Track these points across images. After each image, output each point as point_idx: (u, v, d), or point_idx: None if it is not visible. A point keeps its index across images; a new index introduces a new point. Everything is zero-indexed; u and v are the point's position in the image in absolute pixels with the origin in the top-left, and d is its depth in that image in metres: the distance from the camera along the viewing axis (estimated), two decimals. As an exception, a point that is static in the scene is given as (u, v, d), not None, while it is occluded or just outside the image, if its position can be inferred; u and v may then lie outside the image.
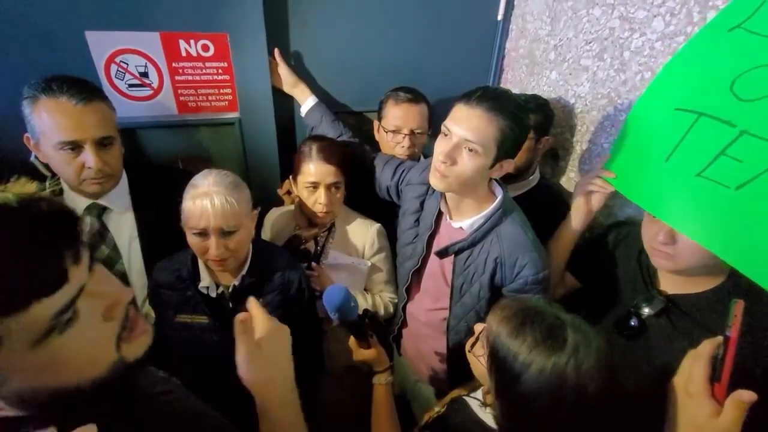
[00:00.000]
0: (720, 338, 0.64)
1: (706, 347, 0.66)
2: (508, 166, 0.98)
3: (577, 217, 1.15)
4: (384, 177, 1.27)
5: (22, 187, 0.44)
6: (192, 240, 1.00)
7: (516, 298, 0.97)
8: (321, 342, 1.33)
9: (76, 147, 0.96)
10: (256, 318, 0.68)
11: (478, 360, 0.83)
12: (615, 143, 1.10)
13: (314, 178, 1.21)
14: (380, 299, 1.37)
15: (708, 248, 0.82)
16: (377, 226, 1.33)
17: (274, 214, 1.43)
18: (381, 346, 1.05)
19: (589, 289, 1.19)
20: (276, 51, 1.32)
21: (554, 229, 1.22)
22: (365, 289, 1.37)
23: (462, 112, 0.93)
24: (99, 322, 0.47)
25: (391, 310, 1.37)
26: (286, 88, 1.39)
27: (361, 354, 1.02)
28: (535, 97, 1.35)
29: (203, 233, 0.97)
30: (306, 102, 1.39)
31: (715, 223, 0.82)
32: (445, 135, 0.96)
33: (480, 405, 0.90)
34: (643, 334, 0.97)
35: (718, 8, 0.96)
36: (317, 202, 1.23)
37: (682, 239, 0.85)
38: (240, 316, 0.65)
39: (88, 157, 0.97)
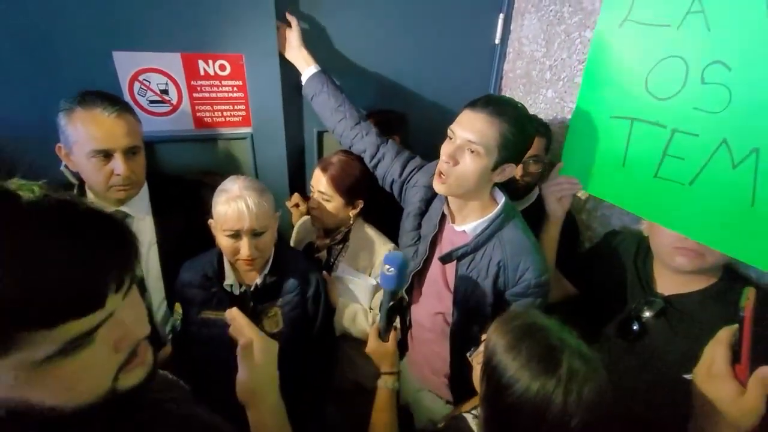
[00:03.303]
0: (736, 325, 0.67)
1: (724, 333, 0.69)
2: (511, 170, 1.02)
3: (556, 220, 1.22)
4: (392, 171, 1.25)
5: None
6: (224, 242, 1.04)
7: (524, 312, 0.97)
8: (335, 349, 1.35)
9: (107, 155, 1.03)
10: (247, 331, 0.73)
11: (476, 367, 0.84)
12: (565, 152, 1.18)
13: (312, 182, 1.32)
14: None
15: (695, 239, 0.89)
16: (390, 246, 1.34)
17: (300, 221, 1.51)
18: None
19: (590, 298, 1.21)
20: (289, 13, 1.32)
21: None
22: (370, 308, 1.38)
23: (467, 116, 0.99)
24: (109, 351, 0.44)
25: None
26: (291, 53, 1.34)
27: (376, 346, 1.01)
28: (540, 120, 1.37)
29: (236, 235, 1.02)
30: (308, 69, 1.33)
31: (689, 216, 0.89)
32: (450, 138, 1.01)
33: (473, 417, 0.89)
34: (644, 336, 1.00)
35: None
36: (309, 204, 1.34)
37: None
38: (243, 342, 0.71)
39: (118, 164, 1.04)
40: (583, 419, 0.63)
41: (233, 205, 1.00)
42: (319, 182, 1.28)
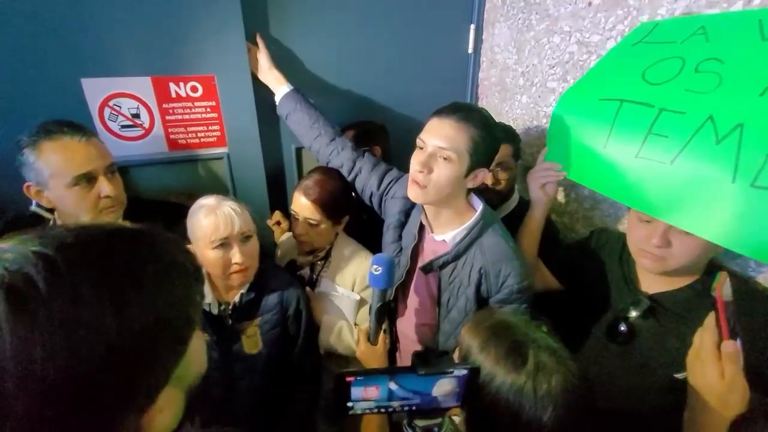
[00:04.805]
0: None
1: (710, 318, 0.71)
2: (483, 175, 1.01)
3: (539, 209, 1.20)
4: (370, 184, 1.26)
5: None
6: (212, 256, 1.01)
7: (493, 311, 0.98)
8: (319, 369, 1.31)
9: (90, 179, 1.01)
10: None
11: None
12: (549, 137, 1.17)
13: (295, 209, 1.27)
14: None
15: (670, 222, 0.86)
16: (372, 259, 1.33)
17: (283, 238, 1.50)
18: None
19: (573, 293, 1.20)
20: (258, 35, 1.34)
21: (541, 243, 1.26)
22: (355, 324, 1.36)
23: (434, 123, 0.99)
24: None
25: None
26: (261, 74, 1.36)
27: (366, 348, 1.03)
28: (505, 127, 1.39)
29: (225, 244, 1.00)
30: (280, 89, 1.34)
31: (666, 198, 0.87)
32: (421, 148, 1.00)
33: (450, 422, 0.89)
34: (634, 338, 0.98)
35: (662, 28, 1.06)
36: (295, 231, 1.30)
37: (677, 242, 0.87)
38: None
39: (104, 185, 1.02)
40: (555, 411, 0.64)
41: (219, 212, 0.99)
42: (305, 209, 1.24)
